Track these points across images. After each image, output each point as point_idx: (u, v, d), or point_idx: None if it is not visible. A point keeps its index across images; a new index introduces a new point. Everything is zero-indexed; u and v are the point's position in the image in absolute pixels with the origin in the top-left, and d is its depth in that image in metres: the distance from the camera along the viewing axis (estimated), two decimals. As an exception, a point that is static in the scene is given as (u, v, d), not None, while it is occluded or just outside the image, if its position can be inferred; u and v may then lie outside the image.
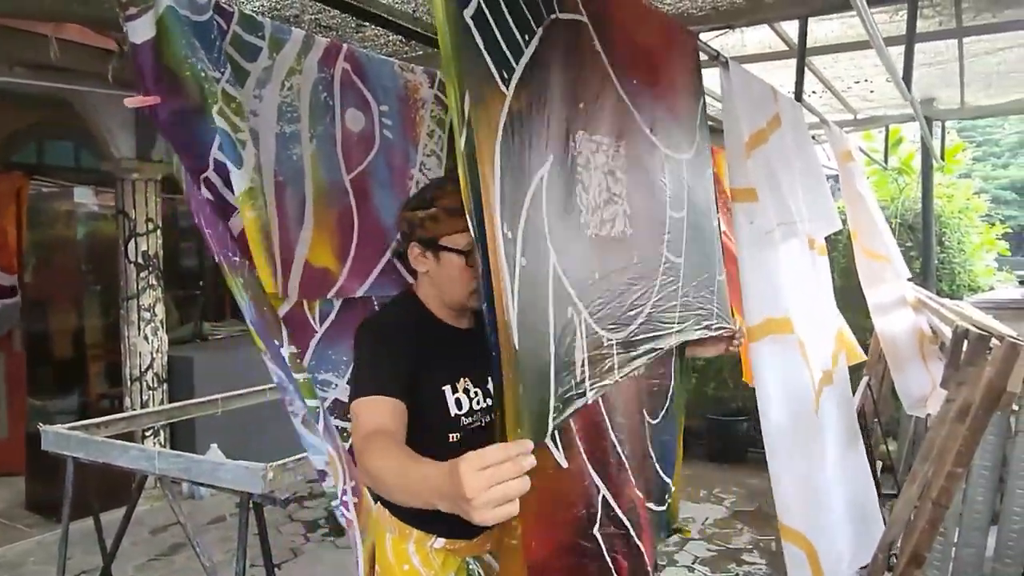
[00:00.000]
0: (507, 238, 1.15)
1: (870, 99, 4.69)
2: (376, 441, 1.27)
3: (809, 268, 2.74)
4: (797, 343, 2.23)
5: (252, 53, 1.55)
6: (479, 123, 1.12)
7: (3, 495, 4.77)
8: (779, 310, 2.19)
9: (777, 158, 2.45)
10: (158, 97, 1.36)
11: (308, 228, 1.65)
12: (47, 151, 5.93)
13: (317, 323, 1.71)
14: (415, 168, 1.95)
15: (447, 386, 1.51)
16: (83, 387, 5.72)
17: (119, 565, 2.99)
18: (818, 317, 2.70)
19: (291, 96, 1.63)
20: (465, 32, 1.12)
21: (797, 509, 2.22)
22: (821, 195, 3.05)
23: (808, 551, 2.23)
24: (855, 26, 3.24)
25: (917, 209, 5.37)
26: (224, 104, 1.41)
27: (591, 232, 1.47)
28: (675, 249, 1.85)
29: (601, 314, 1.47)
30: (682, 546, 4.08)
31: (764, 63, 3.73)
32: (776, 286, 2.23)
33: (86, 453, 2.39)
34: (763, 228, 2.18)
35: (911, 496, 2.21)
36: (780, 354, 2.18)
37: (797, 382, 2.26)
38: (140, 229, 4.79)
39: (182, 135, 1.41)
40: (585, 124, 1.47)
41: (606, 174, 1.55)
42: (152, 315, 4.84)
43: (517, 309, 1.15)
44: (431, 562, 1.56)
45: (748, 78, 2.43)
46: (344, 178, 1.74)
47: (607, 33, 1.59)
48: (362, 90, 1.82)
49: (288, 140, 1.62)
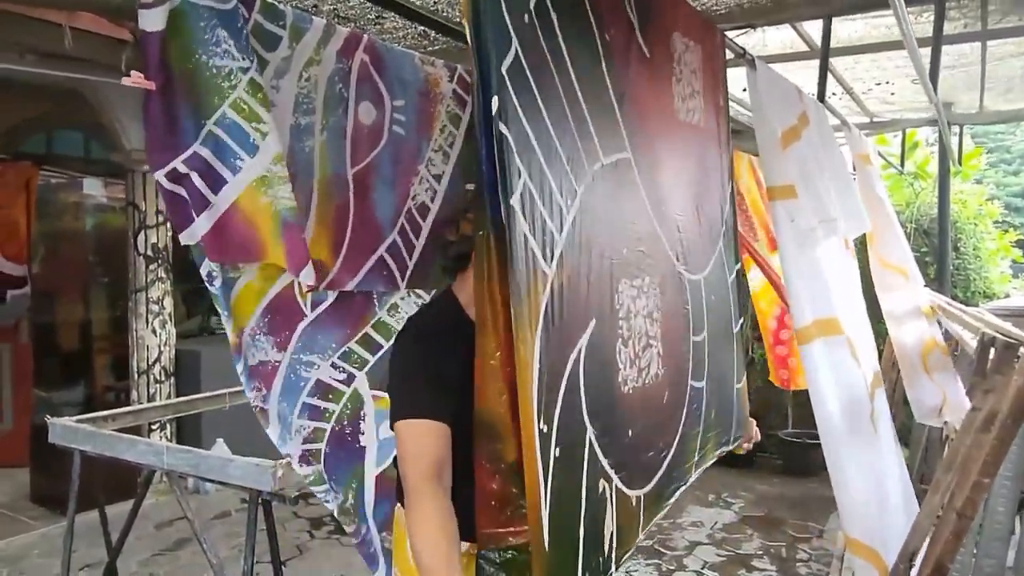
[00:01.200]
0: (543, 433, 1.12)
1: (890, 101, 4.64)
2: (426, 501, 1.32)
3: (849, 268, 2.69)
4: (847, 343, 2.17)
5: (272, 42, 1.53)
6: (518, 322, 1.09)
7: (7, 487, 4.76)
8: (827, 310, 2.13)
9: (810, 155, 2.40)
10: (154, 84, 1.37)
11: (312, 219, 1.63)
12: (57, 141, 5.91)
13: (308, 309, 1.72)
14: (421, 164, 1.91)
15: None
16: (90, 379, 5.70)
17: (123, 559, 2.96)
18: (861, 318, 2.64)
19: (308, 87, 1.60)
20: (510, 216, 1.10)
21: (864, 521, 2.16)
22: (850, 195, 3.00)
23: (879, 567, 2.16)
24: (879, 27, 3.19)
25: (932, 214, 5.31)
26: (249, 94, 1.40)
27: (628, 388, 1.44)
28: (698, 374, 1.81)
29: (632, 473, 1.45)
30: (691, 551, 4.04)
31: (784, 64, 3.68)
32: (822, 285, 2.17)
33: (93, 446, 2.36)
34: (805, 226, 2.12)
35: (934, 506, 2.16)
36: (830, 355, 2.11)
37: (852, 384, 2.20)
38: (150, 221, 4.77)
39: (167, 123, 1.41)
40: (625, 271, 1.45)
41: (645, 318, 1.52)
42: (160, 308, 4.82)
43: (549, 508, 1.13)
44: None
45: (774, 77, 2.39)
46: (348, 171, 1.72)
47: (647, 164, 1.56)
48: (378, 84, 1.78)
49: (302, 132, 1.60)
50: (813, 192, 2.28)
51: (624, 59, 1.54)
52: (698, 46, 1.96)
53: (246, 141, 1.44)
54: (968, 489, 2.01)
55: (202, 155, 1.43)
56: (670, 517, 4.44)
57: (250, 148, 1.44)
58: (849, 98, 4.50)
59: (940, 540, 2.08)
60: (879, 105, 4.81)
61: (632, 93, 1.56)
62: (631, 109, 1.55)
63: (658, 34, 1.72)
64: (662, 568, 3.84)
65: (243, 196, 1.45)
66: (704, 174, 1.97)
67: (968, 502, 2.01)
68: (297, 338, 1.69)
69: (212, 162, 1.44)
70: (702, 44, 1.99)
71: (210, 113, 1.42)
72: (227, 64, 1.41)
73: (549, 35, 1.26)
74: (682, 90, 1.86)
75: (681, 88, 1.85)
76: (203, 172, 1.44)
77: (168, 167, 1.42)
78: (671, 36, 1.81)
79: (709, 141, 2.02)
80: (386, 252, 1.84)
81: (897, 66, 3.67)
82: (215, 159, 1.44)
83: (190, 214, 1.46)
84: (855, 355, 2.24)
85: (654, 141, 1.66)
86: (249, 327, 1.62)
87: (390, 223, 1.85)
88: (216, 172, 1.45)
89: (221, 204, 1.46)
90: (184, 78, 1.39)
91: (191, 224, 1.46)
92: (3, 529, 4.20)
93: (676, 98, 1.82)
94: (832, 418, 2.08)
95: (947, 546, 2.05)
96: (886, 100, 4.65)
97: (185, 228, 1.46)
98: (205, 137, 1.43)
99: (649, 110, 1.65)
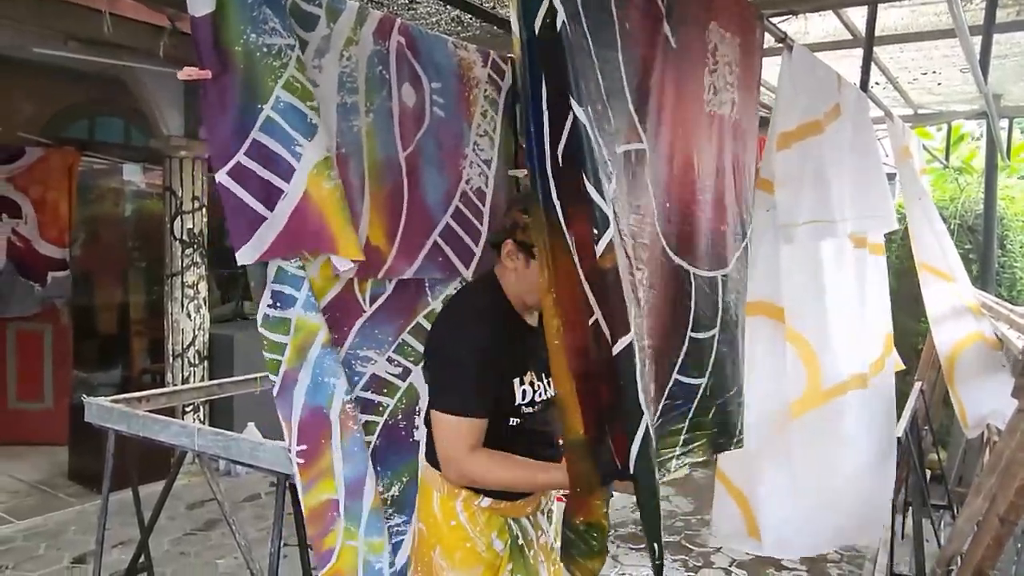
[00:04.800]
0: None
1: (936, 92, 4.49)
2: (482, 457, 1.55)
3: (852, 268, 2.62)
4: (786, 333, 2.22)
5: (310, 22, 1.52)
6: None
7: (46, 465, 4.88)
8: (775, 298, 2.19)
9: (831, 150, 2.35)
10: (210, 72, 1.35)
11: (367, 204, 1.61)
12: (99, 128, 6.03)
13: (366, 303, 1.69)
14: (468, 148, 1.90)
15: (516, 378, 1.60)
16: (126, 361, 5.82)
17: (155, 538, 3.02)
18: (855, 319, 2.59)
19: (350, 66, 1.59)
20: None
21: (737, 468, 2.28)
22: (878, 191, 2.92)
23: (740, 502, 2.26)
24: (926, 13, 3.09)
25: (978, 210, 5.15)
26: (298, 71, 1.39)
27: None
28: (692, 371, 1.71)
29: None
30: (719, 548, 3.98)
31: (826, 52, 3.58)
32: (778, 277, 2.19)
33: (128, 427, 2.39)
34: (780, 220, 2.13)
35: (976, 510, 2.09)
36: (764, 334, 2.18)
37: (778, 371, 2.24)
38: (186, 207, 4.83)
39: (225, 112, 1.38)
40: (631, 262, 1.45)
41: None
42: (195, 292, 4.88)
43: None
44: (476, 519, 1.65)
45: (813, 64, 2.32)
46: (400, 154, 1.70)
47: (660, 156, 1.57)
48: (415, 65, 1.77)
49: (348, 111, 1.59)
50: (819, 190, 2.27)
51: (650, 48, 1.49)
52: (736, 37, 1.90)
53: (303, 122, 1.41)
54: (1012, 493, 1.95)
55: (261, 142, 1.39)
56: (698, 513, 4.39)
57: (308, 130, 1.41)
58: (892, 88, 4.37)
59: (980, 545, 2.02)
60: (924, 96, 4.66)
61: (658, 84, 1.52)
62: (655, 100, 1.50)
63: (690, 23, 1.66)
64: (688, 564, 3.79)
65: (310, 183, 1.42)
66: (731, 169, 1.91)
67: (1012, 507, 1.95)
68: (354, 334, 1.68)
69: (273, 148, 1.40)
70: (741, 34, 1.93)
71: (266, 96, 1.38)
72: (276, 42, 1.39)
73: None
74: (716, 82, 1.80)
75: (715, 80, 1.80)
76: (266, 161, 1.40)
77: (232, 162, 1.38)
78: (707, 26, 1.75)
79: (740, 135, 1.96)
80: (439, 237, 1.82)
81: (945, 55, 3.55)
82: (277, 145, 1.40)
83: (252, 225, 1.40)
84: (800, 350, 2.28)
85: (675, 133, 1.61)
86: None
87: (442, 207, 1.82)
88: (282, 159, 1.40)
89: (294, 193, 1.41)
90: (237, 60, 1.36)
91: (253, 235, 1.40)
92: (42, 505, 4.31)
93: (707, 89, 1.76)
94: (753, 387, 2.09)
95: (988, 552, 1.99)
96: (932, 91, 4.50)
97: (247, 241, 1.40)
98: (263, 123, 1.39)
99: (674, 102, 1.60)
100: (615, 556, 3.84)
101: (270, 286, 1.49)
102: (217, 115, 1.38)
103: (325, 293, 1.59)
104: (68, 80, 5.08)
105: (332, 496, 1.64)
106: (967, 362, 3.21)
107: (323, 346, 1.56)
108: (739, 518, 2.31)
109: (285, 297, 1.50)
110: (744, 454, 2.01)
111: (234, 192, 1.39)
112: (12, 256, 5.01)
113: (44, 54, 3.88)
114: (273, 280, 1.49)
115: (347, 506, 1.66)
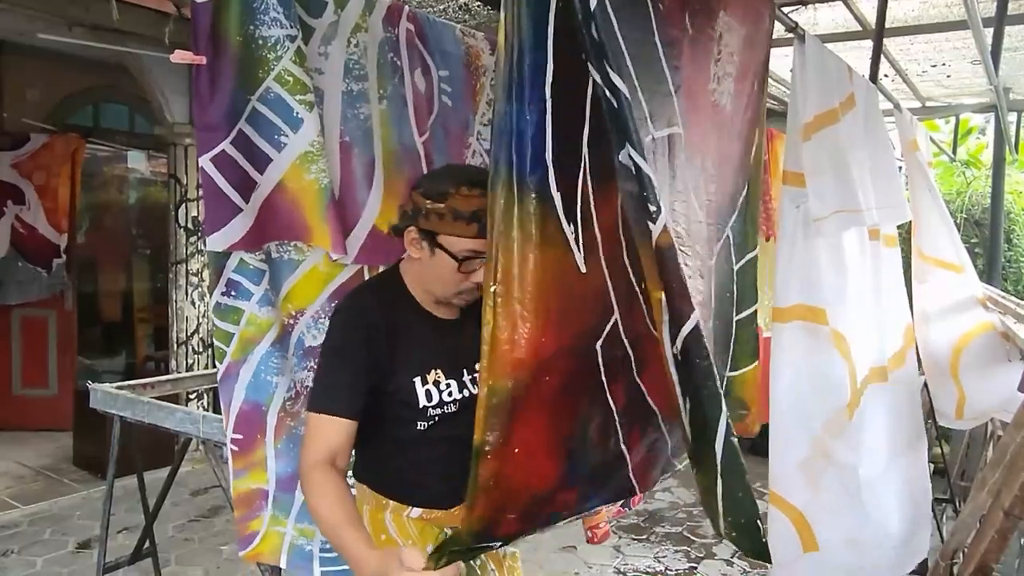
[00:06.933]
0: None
1: (945, 85, 4.46)
2: (318, 477, 1.34)
3: (869, 260, 2.60)
4: (830, 335, 2.12)
5: (318, 9, 1.51)
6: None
7: (52, 450, 4.90)
8: (815, 300, 2.09)
9: (848, 140, 2.32)
10: (204, 58, 1.36)
11: (377, 192, 1.60)
12: (104, 114, 6.02)
13: None
14: (472, 136, 1.89)
15: (417, 378, 1.46)
16: (131, 348, 5.84)
17: (159, 524, 3.03)
18: (874, 312, 2.56)
19: (358, 53, 1.58)
20: None
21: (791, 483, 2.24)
22: (891, 182, 2.90)
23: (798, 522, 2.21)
24: (937, 5, 3.06)
25: (984, 204, 5.13)
26: (295, 63, 1.39)
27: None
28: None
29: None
30: (721, 539, 3.99)
31: (834, 44, 3.55)
32: (817, 276, 2.12)
33: (132, 413, 2.40)
34: (811, 215, 2.05)
35: (980, 504, 2.09)
36: (805, 341, 2.07)
37: (826, 375, 2.16)
38: (191, 194, 4.83)
39: (214, 99, 1.39)
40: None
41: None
42: (200, 280, 4.89)
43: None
44: (408, 531, 1.55)
45: (823, 54, 2.30)
46: (416, 140, 1.69)
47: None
48: (423, 53, 1.76)
49: (355, 98, 1.58)
50: (843, 180, 2.20)
51: (679, 30, 1.48)
52: (742, 27, 1.88)
53: (290, 115, 1.41)
54: (1017, 487, 1.94)
55: (246, 133, 1.41)
56: (700, 505, 4.39)
57: (294, 123, 1.42)
58: (901, 80, 4.34)
59: (984, 539, 2.02)
60: (933, 88, 4.63)
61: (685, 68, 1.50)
62: (685, 84, 1.49)
63: (703, 9, 1.65)
64: (691, 555, 3.81)
65: (288, 174, 1.43)
66: (723, 160, 1.89)
67: (1017, 500, 1.94)
68: None
69: (255, 140, 1.42)
70: (750, 23, 1.91)
71: (254, 88, 1.39)
72: (274, 33, 1.39)
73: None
74: (719, 71, 1.78)
75: (718, 69, 1.78)
76: (249, 153, 1.42)
77: (217, 149, 1.39)
78: (718, 13, 1.73)
79: (735, 125, 1.94)
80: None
81: (955, 47, 3.52)
82: (258, 137, 1.42)
83: (227, 214, 1.42)
84: (842, 349, 2.19)
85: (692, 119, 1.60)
86: (312, 310, 1.58)
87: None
88: (262, 152, 1.42)
89: (266, 185, 1.43)
90: (233, 50, 1.37)
91: (226, 225, 1.43)
92: (48, 490, 4.33)
93: (712, 79, 1.75)
94: (783, 401, 2.07)
95: (992, 546, 1.99)
96: (941, 83, 4.47)
97: (219, 228, 1.43)
98: (250, 114, 1.40)
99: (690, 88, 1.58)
100: (617, 547, 3.85)
101: (227, 274, 1.51)
102: (207, 101, 1.39)
103: (332, 278, 1.59)
104: (73, 67, 5.07)
105: (262, 487, 1.66)
106: (974, 352, 3.19)
107: (272, 344, 1.57)
108: (794, 536, 2.20)
109: (241, 288, 1.53)
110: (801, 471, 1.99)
111: (214, 179, 1.41)
112: (16, 242, 5.01)
113: (49, 40, 3.87)
114: (233, 269, 1.51)
115: (276, 497, 1.67)
